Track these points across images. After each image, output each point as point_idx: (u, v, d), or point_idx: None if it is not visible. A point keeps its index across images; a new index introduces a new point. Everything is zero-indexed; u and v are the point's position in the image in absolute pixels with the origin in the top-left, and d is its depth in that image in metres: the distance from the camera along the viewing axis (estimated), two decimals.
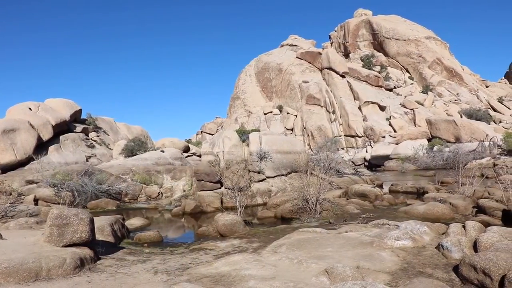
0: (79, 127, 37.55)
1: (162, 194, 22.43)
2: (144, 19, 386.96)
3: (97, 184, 20.53)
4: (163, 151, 27.95)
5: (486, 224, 9.85)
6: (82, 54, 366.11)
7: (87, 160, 33.29)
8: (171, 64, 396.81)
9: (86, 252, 7.75)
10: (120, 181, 22.23)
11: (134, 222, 14.58)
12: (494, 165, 34.73)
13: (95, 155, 35.46)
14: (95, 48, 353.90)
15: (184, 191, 21.23)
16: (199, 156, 31.45)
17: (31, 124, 31.34)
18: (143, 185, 22.68)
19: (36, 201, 18.68)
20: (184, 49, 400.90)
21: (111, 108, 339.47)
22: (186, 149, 33.68)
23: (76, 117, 38.64)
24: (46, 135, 32.52)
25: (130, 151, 30.41)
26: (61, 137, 34.34)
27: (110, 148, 38.04)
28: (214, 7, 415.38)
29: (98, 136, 39.21)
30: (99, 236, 9.52)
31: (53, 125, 33.52)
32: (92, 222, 8.25)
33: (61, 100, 37.76)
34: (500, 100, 78.47)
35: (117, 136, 41.79)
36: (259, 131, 33.27)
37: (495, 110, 72.42)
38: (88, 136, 37.97)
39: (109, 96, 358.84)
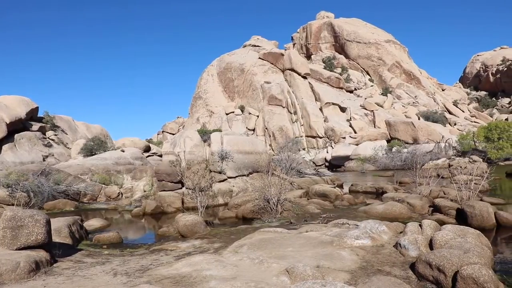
0: (36, 126, 36.45)
1: (122, 194, 22.09)
2: (103, 17, 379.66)
3: (54, 184, 20.03)
4: (123, 151, 27.54)
5: (441, 223, 10.16)
6: (39, 52, 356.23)
7: (44, 160, 32.40)
8: (132, 63, 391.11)
9: (42, 254, 7.53)
10: (78, 181, 21.76)
11: (93, 223, 14.29)
12: (449, 165, 35.74)
13: (53, 155, 34.55)
14: (52, 46, 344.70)
15: (145, 191, 20.97)
16: (160, 156, 31.12)
17: None
18: (103, 185, 22.28)
19: None
20: (145, 48, 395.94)
21: (69, 106, 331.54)
22: (147, 149, 33.29)
23: (32, 115, 37.48)
24: (0, 133, 31.44)
25: (89, 150, 29.81)
26: (16, 135, 33.24)
27: (68, 148, 37.16)
28: (177, 6, 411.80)
29: (55, 135, 38.21)
30: (56, 238, 9.29)
31: (7, 123, 32.38)
32: (48, 223, 8.03)
33: (16, 97, 36.48)
34: (455, 103, 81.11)
35: (76, 135, 40.84)
36: (220, 131, 33.18)
37: (450, 112, 74.74)
38: (45, 135, 36.93)
39: (68, 95, 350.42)
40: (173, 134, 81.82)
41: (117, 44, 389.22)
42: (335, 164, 53.60)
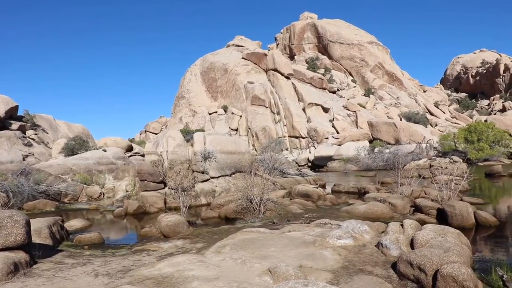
0: (15, 125, 35.88)
1: (104, 194, 21.90)
2: (86, 16, 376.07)
3: (34, 184, 19.76)
4: (105, 151, 27.30)
5: (422, 222, 10.27)
6: (18, 50, 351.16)
7: (23, 159, 31.92)
8: (114, 62, 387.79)
9: (21, 256, 7.41)
10: (59, 181, 21.51)
11: (74, 223, 14.13)
12: (430, 166, 36.14)
13: (33, 154, 34.07)
14: (32, 44, 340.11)
15: (127, 191, 20.80)
16: (143, 155, 30.93)
17: None
18: (84, 185, 22.06)
19: None
20: (127, 47, 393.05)
21: (50, 105, 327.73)
22: (129, 149, 33.06)
23: (12, 114, 36.88)
24: None
25: (70, 150, 29.50)
26: None
27: (49, 147, 36.68)
28: (160, 5, 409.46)
29: (36, 134, 37.68)
30: (36, 239, 9.17)
31: None
32: (28, 224, 7.91)
33: None
34: (436, 105, 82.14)
35: (57, 135, 40.33)
36: (203, 131, 33.15)
37: (431, 113, 75.66)
38: (25, 134, 36.39)
39: (49, 93, 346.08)
40: (156, 134, 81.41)
41: (99, 43, 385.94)
42: (318, 164, 53.81)
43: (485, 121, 58.66)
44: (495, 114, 79.76)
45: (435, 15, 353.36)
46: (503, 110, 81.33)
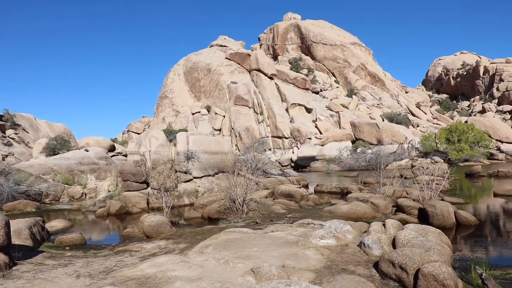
0: None
1: (86, 194, 21.69)
2: (67, 15, 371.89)
3: (14, 184, 19.48)
4: (87, 150, 27.02)
5: (404, 222, 10.38)
6: None
7: (3, 159, 31.48)
8: (96, 61, 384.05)
9: (0, 257, 7.32)
10: (40, 181, 21.23)
11: (55, 224, 13.97)
12: (412, 166, 36.57)
13: (13, 154, 33.62)
14: (11, 43, 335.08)
15: (109, 191, 20.63)
16: (125, 155, 30.70)
17: None
18: (66, 185, 21.82)
19: None
20: (110, 46, 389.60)
21: (31, 104, 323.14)
22: (112, 149, 32.76)
23: None
24: None
25: (52, 150, 29.13)
26: None
27: (29, 147, 36.23)
28: (143, 5, 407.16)
29: (16, 133, 37.20)
30: (15, 240, 9.04)
31: None
32: (7, 225, 7.79)
33: None
34: (418, 106, 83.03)
35: (38, 134, 39.84)
36: (186, 131, 33.00)
37: (413, 114, 76.44)
38: (4, 134, 35.91)
39: (29, 92, 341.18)
40: (139, 134, 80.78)
41: (80, 42, 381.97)
42: (301, 165, 53.98)
43: (466, 122, 59.49)
44: (475, 115, 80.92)
45: (417, 16, 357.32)
46: (483, 111, 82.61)
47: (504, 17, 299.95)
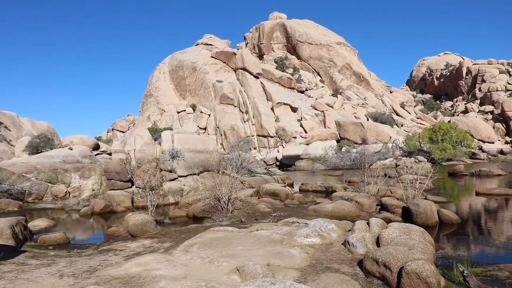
0: None
1: (69, 193, 21.49)
2: (52, 13, 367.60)
3: None
4: (71, 149, 26.77)
5: (388, 221, 10.47)
6: None
7: None
8: (81, 59, 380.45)
9: None
10: (23, 180, 20.98)
11: (38, 223, 13.82)
12: (396, 165, 36.77)
13: None
14: None
15: (93, 190, 20.47)
16: (110, 154, 30.49)
17: None
18: (49, 184, 21.59)
19: None
20: (94, 44, 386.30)
21: (14, 102, 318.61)
22: (96, 147, 32.50)
23: None
24: None
25: (35, 148, 28.77)
26: None
27: (12, 145, 35.70)
28: (129, 2, 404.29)
29: None
30: None
31: None
32: None
33: None
34: (402, 105, 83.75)
35: (20, 132, 39.28)
36: (171, 129, 32.93)
37: (397, 114, 77.05)
38: None
39: (12, 90, 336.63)
40: (123, 132, 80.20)
41: (64, 40, 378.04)
42: (286, 164, 54.08)
43: (449, 122, 60.14)
44: (458, 115, 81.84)
45: (402, 16, 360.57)
46: (465, 111, 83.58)
47: (487, 17, 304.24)
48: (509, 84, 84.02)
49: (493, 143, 65.72)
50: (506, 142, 69.46)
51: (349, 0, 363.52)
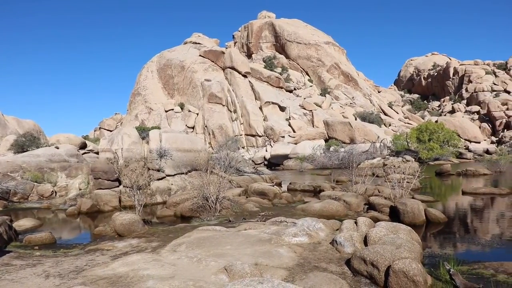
0: None
1: (56, 193, 21.30)
2: (39, 10, 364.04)
3: None
4: (57, 148, 26.52)
5: (376, 220, 10.53)
6: None
7: None
8: (69, 57, 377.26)
9: None
10: (8, 179, 20.76)
11: (23, 223, 13.68)
12: (384, 165, 37.02)
13: None
14: None
15: (80, 189, 20.31)
16: (97, 153, 30.25)
17: None
18: (35, 183, 21.38)
19: None
20: (82, 42, 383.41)
21: None
22: (83, 146, 32.25)
23: None
24: None
25: (20, 147, 28.46)
26: None
27: None
28: (117, 1, 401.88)
29: None
30: None
31: None
32: None
33: None
34: (390, 105, 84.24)
35: (5, 131, 38.80)
36: (159, 128, 32.75)
37: (385, 114, 77.46)
38: None
39: None
40: (111, 131, 79.64)
41: (51, 37, 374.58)
42: (274, 163, 54.12)
43: (436, 121, 60.64)
44: (445, 115, 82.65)
45: (390, 16, 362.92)
46: (452, 111, 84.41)
47: (474, 17, 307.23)
48: (495, 84, 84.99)
49: (479, 142, 66.41)
50: (492, 142, 70.24)
51: (338, 0, 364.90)
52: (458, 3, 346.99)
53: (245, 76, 72.86)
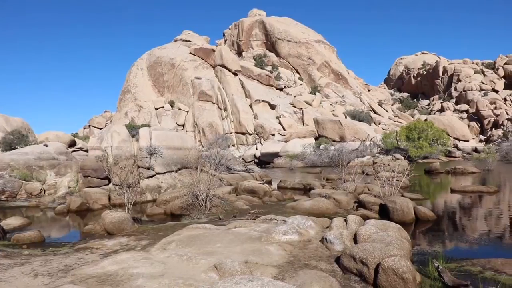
0: None
1: (45, 191, 21.14)
2: (30, 7, 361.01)
3: None
4: (46, 145, 26.34)
5: (365, 218, 10.55)
6: None
7: None
8: (58, 55, 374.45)
9: None
10: None
11: (11, 222, 13.56)
12: (374, 163, 37.21)
13: None
14: None
15: (69, 187, 20.19)
16: (86, 151, 30.10)
17: None
18: (23, 181, 21.21)
19: None
20: (71, 39, 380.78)
21: None
22: (72, 144, 32.09)
23: None
24: None
25: (8, 144, 28.27)
26: None
27: None
28: None
29: None
30: None
31: None
32: None
33: None
34: (380, 103, 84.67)
35: None
36: (149, 126, 32.65)
37: (375, 112, 77.86)
38: None
39: None
40: (100, 129, 79.38)
41: (40, 34, 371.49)
42: (264, 161, 54.17)
43: (425, 120, 61.00)
44: (434, 114, 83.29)
45: (380, 15, 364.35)
46: (442, 110, 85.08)
47: (464, 17, 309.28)
48: (483, 84, 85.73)
49: (468, 141, 66.93)
50: (480, 141, 70.92)
51: None
52: (448, 3, 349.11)
53: (235, 74, 72.83)
